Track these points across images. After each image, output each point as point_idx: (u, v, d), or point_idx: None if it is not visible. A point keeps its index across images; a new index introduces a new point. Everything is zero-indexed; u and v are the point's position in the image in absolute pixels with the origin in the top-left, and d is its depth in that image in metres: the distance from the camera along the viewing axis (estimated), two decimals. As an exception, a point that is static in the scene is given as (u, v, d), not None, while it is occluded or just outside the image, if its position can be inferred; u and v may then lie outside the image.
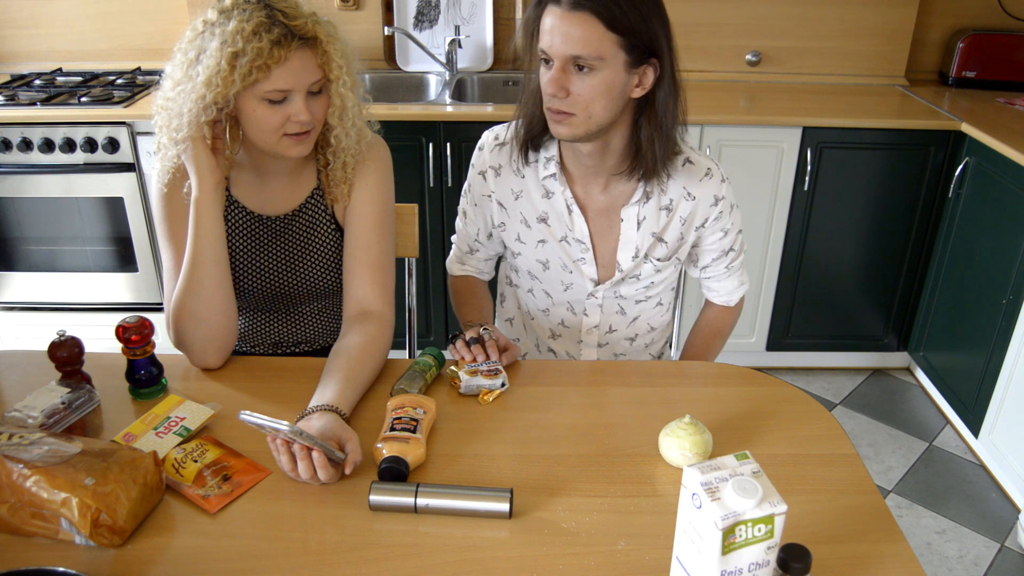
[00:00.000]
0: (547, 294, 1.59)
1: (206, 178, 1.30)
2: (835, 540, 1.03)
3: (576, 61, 1.26)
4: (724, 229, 1.52)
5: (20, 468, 0.99)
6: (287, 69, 1.23)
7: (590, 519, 1.06)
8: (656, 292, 1.58)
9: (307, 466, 1.08)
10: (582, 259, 1.51)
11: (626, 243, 1.49)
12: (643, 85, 1.31)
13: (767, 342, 2.95)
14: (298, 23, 1.24)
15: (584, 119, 1.31)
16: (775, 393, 1.35)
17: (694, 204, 1.47)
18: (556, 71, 1.27)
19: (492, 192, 1.54)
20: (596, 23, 1.23)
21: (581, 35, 1.24)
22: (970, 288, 2.58)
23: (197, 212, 1.31)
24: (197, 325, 1.33)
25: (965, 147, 2.58)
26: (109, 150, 2.55)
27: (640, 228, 1.48)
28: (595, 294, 1.55)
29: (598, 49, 1.25)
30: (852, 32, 2.98)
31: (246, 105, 1.26)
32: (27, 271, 2.77)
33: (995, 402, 2.43)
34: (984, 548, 2.25)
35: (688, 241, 1.52)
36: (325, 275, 1.49)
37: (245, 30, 1.20)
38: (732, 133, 2.61)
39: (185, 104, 1.25)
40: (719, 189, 1.47)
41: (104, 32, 3.03)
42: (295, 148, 1.31)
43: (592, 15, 1.23)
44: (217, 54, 1.21)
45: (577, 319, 1.59)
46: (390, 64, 3.03)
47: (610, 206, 1.48)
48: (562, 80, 1.28)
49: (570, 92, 1.28)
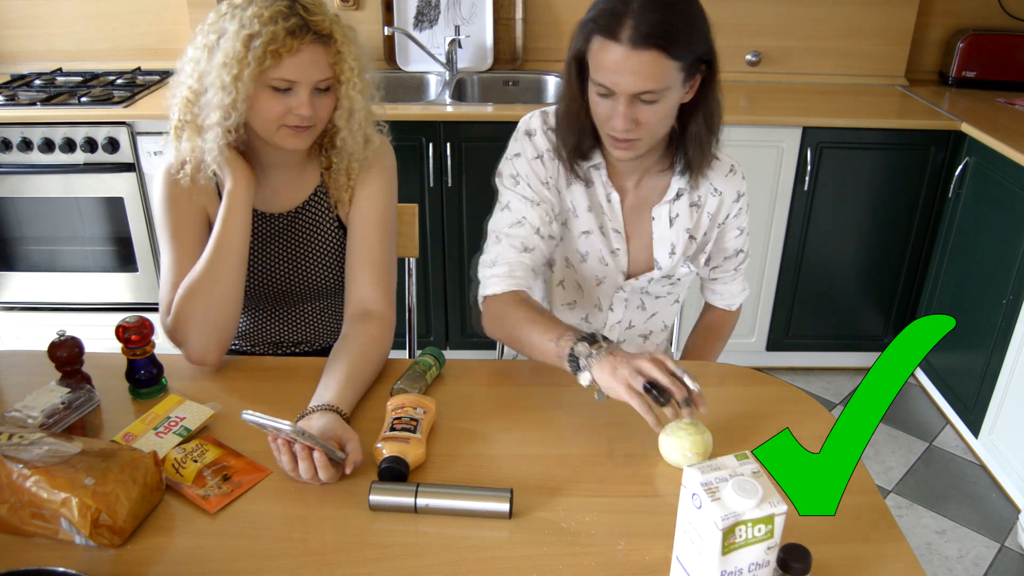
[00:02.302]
0: (578, 286, 1.56)
1: (239, 177, 1.33)
2: (835, 540, 1.03)
3: (640, 95, 1.23)
4: (740, 227, 1.52)
5: (20, 468, 0.99)
6: (297, 60, 1.24)
7: (590, 519, 1.06)
8: (677, 289, 1.58)
9: (308, 466, 1.08)
10: (618, 249, 1.48)
11: (660, 240, 1.48)
12: (693, 89, 1.30)
13: (767, 342, 2.95)
14: (316, 19, 1.25)
15: (649, 141, 1.31)
16: (775, 393, 1.35)
17: (720, 199, 1.47)
18: (624, 107, 1.24)
19: (552, 178, 1.43)
20: (661, 57, 1.19)
21: (649, 73, 1.20)
22: (970, 288, 2.58)
23: (231, 202, 1.33)
24: (208, 311, 1.32)
25: (965, 147, 2.58)
26: (109, 150, 2.55)
27: (673, 225, 1.47)
28: (624, 288, 1.53)
29: (665, 81, 1.22)
30: (852, 32, 2.98)
31: (255, 88, 1.27)
32: (27, 271, 2.77)
33: (995, 402, 2.43)
34: (984, 548, 2.25)
35: (712, 238, 1.52)
36: (327, 274, 1.49)
37: (263, 15, 1.22)
38: (732, 133, 2.57)
39: (211, 102, 1.26)
40: (741, 185, 1.47)
41: (104, 32, 3.03)
42: (292, 140, 1.31)
43: (657, 51, 1.19)
44: (234, 37, 1.23)
45: (603, 315, 1.58)
46: (390, 64, 3.03)
47: (640, 203, 1.46)
48: (630, 114, 1.25)
49: (639, 123, 1.26)
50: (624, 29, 1.18)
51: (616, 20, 1.19)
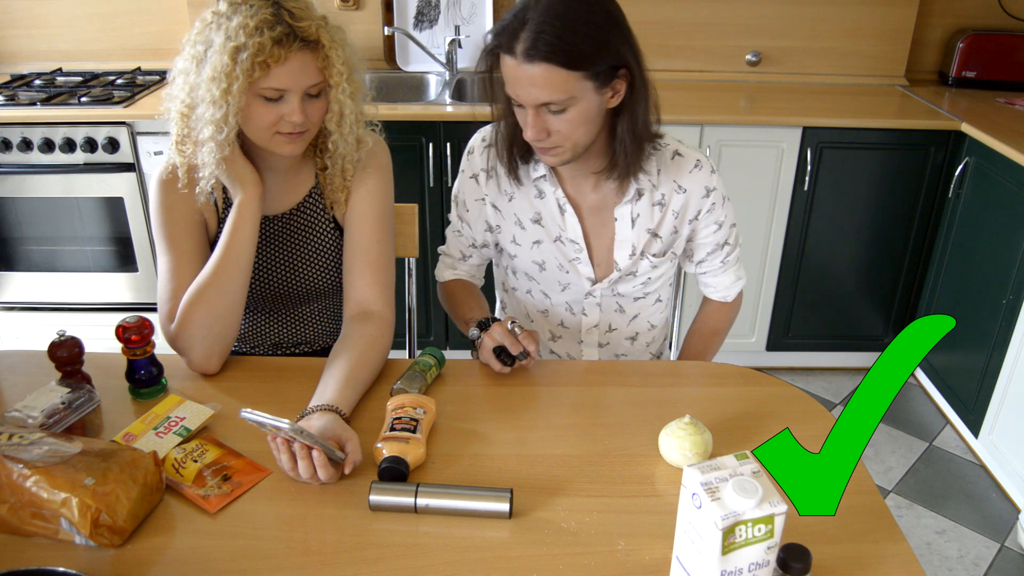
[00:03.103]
0: (545, 295, 1.59)
1: (250, 188, 1.33)
2: (835, 540, 1.03)
3: (548, 105, 1.25)
4: (718, 222, 1.52)
5: (20, 468, 0.99)
6: (286, 69, 1.23)
7: (590, 519, 1.06)
8: (654, 288, 1.58)
9: (307, 465, 1.08)
10: (577, 259, 1.51)
11: (622, 241, 1.49)
12: (618, 94, 1.30)
13: (767, 342, 2.95)
14: (303, 24, 1.23)
15: (570, 147, 1.32)
16: (775, 393, 1.35)
17: (685, 197, 1.47)
18: (532, 117, 1.27)
19: (486, 195, 1.53)
20: (555, 69, 1.21)
21: (544, 84, 1.22)
22: (970, 288, 2.58)
23: (242, 213, 1.32)
24: (213, 323, 1.32)
25: (965, 147, 2.58)
26: (109, 150, 2.55)
27: (635, 226, 1.48)
28: (593, 293, 1.55)
29: (565, 91, 1.23)
30: (852, 32, 2.98)
31: (247, 97, 1.26)
32: (27, 271, 2.77)
33: (995, 402, 2.43)
34: (984, 548, 2.25)
35: (682, 235, 1.52)
36: (324, 275, 1.49)
37: (248, 25, 1.20)
38: (732, 133, 2.61)
39: (203, 117, 1.26)
40: (709, 180, 1.47)
41: (104, 32, 3.03)
42: (287, 147, 1.31)
43: (548, 63, 1.21)
44: (221, 50, 1.22)
45: (576, 319, 1.59)
46: (390, 64, 3.03)
47: (602, 204, 1.48)
48: (539, 124, 1.28)
49: (551, 132, 1.28)
50: (518, 43, 1.22)
51: (512, 36, 1.23)
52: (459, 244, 1.62)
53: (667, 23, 2.94)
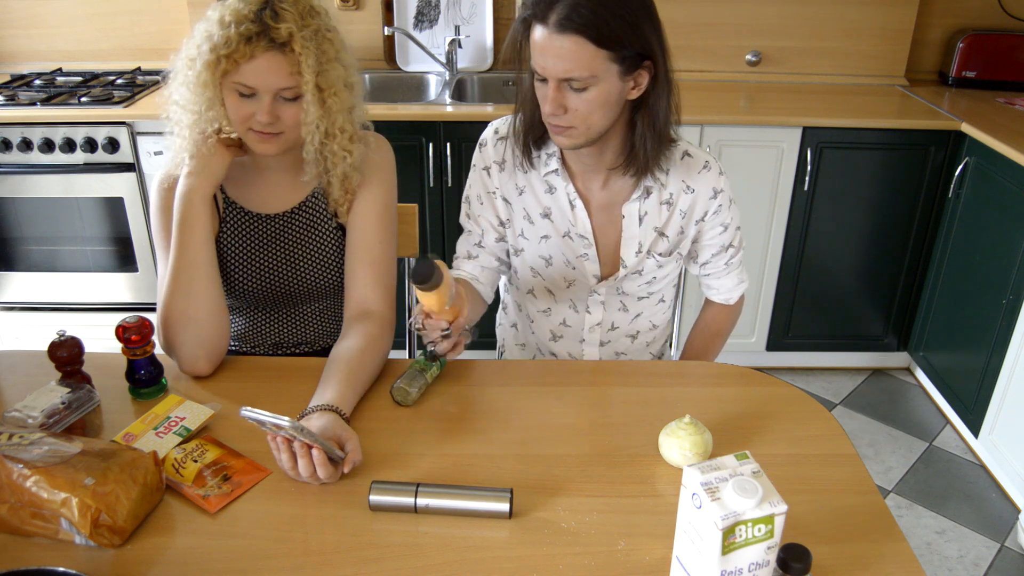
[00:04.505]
0: (549, 292, 1.59)
1: (200, 180, 1.32)
2: (835, 540, 1.03)
3: (570, 81, 1.26)
4: (724, 224, 1.52)
5: (20, 468, 0.99)
6: (252, 67, 1.24)
7: (590, 519, 1.06)
8: (658, 288, 1.58)
9: (307, 464, 1.07)
10: (585, 255, 1.51)
11: (629, 239, 1.49)
12: (639, 86, 1.31)
13: (767, 342, 2.95)
14: (278, 26, 1.22)
15: (584, 130, 1.32)
16: (775, 393, 1.35)
17: (693, 197, 1.47)
18: (552, 91, 1.27)
19: (497, 188, 1.53)
20: (584, 43, 1.22)
21: (571, 56, 1.23)
22: (970, 288, 2.58)
23: (188, 205, 1.31)
24: (187, 325, 1.32)
25: (965, 147, 2.58)
26: (109, 150, 2.55)
27: (642, 224, 1.48)
28: (597, 291, 1.55)
29: (590, 68, 1.24)
30: (852, 32, 2.98)
31: (224, 90, 1.28)
32: (27, 271, 2.77)
33: (995, 402, 2.43)
34: (984, 548, 2.25)
35: (689, 235, 1.52)
36: (325, 274, 1.49)
37: (225, 18, 1.22)
38: (732, 133, 2.61)
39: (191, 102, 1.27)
40: (717, 182, 1.47)
41: (104, 32, 3.03)
42: (259, 145, 1.31)
43: (579, 36, 1.22)
44: (200, 36, 1.25)
45: (579, 317, 1.59)
46: (390, 64, 3.03)
47: (610, 201, 1.48)
48: (559, 99, 1.28)
49: (568, 109, 1.29)
50: (553, 13, 1.23)
51: (548, 6, 1.24)
52: (465, 244, 1.60)
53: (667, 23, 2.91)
